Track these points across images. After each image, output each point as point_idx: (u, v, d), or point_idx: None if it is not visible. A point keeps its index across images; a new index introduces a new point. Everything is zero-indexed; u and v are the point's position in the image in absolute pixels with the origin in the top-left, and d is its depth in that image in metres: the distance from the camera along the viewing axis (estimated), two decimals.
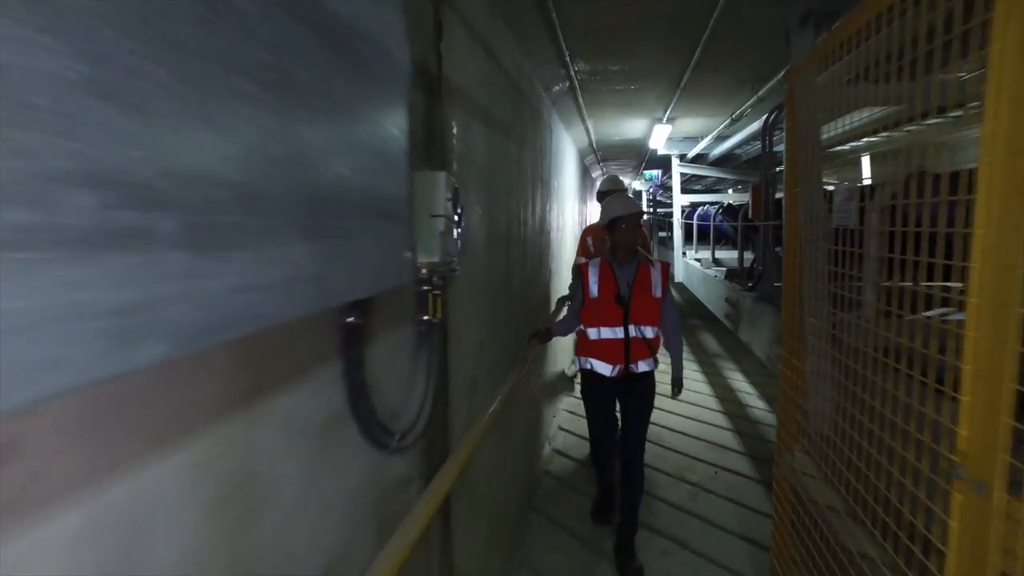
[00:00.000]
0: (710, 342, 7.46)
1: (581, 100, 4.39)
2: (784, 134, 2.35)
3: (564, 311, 3.64)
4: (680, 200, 8.02)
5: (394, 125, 0.93)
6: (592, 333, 2.84)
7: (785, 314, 2.30)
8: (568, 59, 3.27)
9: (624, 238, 2.74)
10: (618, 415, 3.06)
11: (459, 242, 1.44)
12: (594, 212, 8.94)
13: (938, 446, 1.11)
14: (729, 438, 4.23)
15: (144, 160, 0.44)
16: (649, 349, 2.84)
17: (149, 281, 0.44)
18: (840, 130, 1.86)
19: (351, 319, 1.05)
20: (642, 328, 2.79)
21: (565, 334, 3.08)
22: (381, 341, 1.21)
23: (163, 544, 0.66)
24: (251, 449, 0.81)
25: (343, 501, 1.07)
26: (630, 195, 3.29)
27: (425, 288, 1.39)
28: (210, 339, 0.51)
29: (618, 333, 2.80)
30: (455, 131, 1.70)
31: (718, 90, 4.20)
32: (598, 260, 2.87)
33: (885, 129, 1.75)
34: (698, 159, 7.71)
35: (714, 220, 6.44)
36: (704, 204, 8.71)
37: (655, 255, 4.49)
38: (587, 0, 2.46)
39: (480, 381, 2.11)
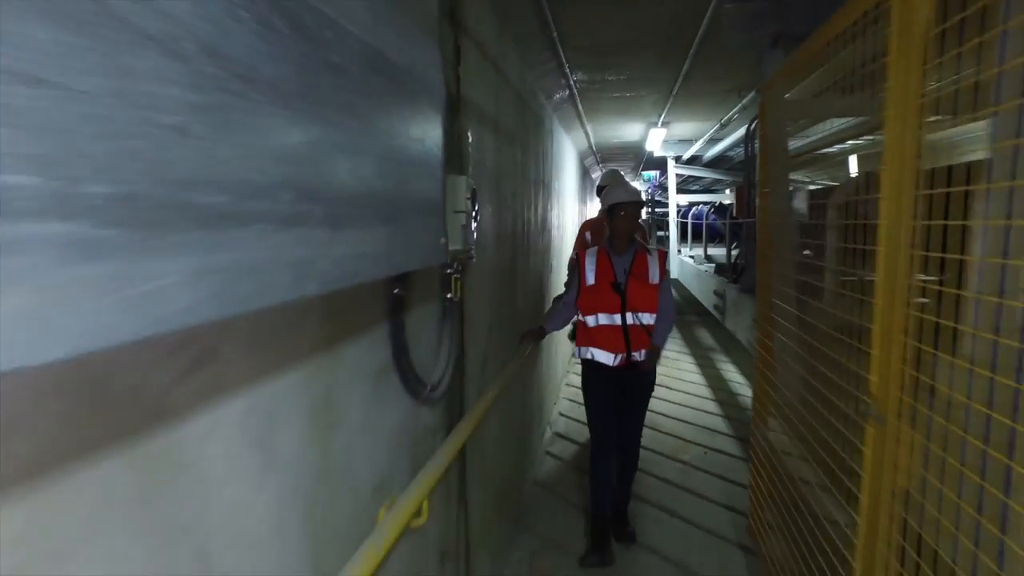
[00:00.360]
0: (705, 336, 7.76)
1: (580, 107, 4.68)
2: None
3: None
4: (675, 200, 8.32)
5: (433, 142, 1.22)
6: (590, 320, 2.82)
7: (759, 300, 2.60)
8: (568, 71, 3.56)
9: (623, 225, 2.76)
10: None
11: (475, 234, 1.73)
12: (594, 210, 9.21)
13: (861, 394, 1.40)
14: (719, 423, 4.53)
15: (310, 175, 0.73)
16: (648, 336, 2.80)
17: (310, 245, 0.73)
18: (807, 139, 2.15)
19: (396, 291, 1.35)
20: (640, 315, 2.77)
21: (560, 327, 3.03)
22: (415, 312, 1.50)
23: (283, 434, 0.95)
24: (331, 380, 1.10)
25: (388, 435, 1.37)
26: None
27: (448, 271, 1.68)
28: (336, 285, 0.80)
29: (616, 320, 2.79)
30: (470, 140, 1.99)
31: (708, 96, 4.49)
32: (595, 249, 2.88)
33: (841, 140, 2.05)
34: (694, 161, 8.00)
35: (706, 219, 6.74)
36: (698, 204, 9.00)
37: None
38: (584, 19, 2.75)
39: (489, 359, 2.41)
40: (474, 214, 1.69)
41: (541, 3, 2.34)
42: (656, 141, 6.38)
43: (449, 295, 1.68)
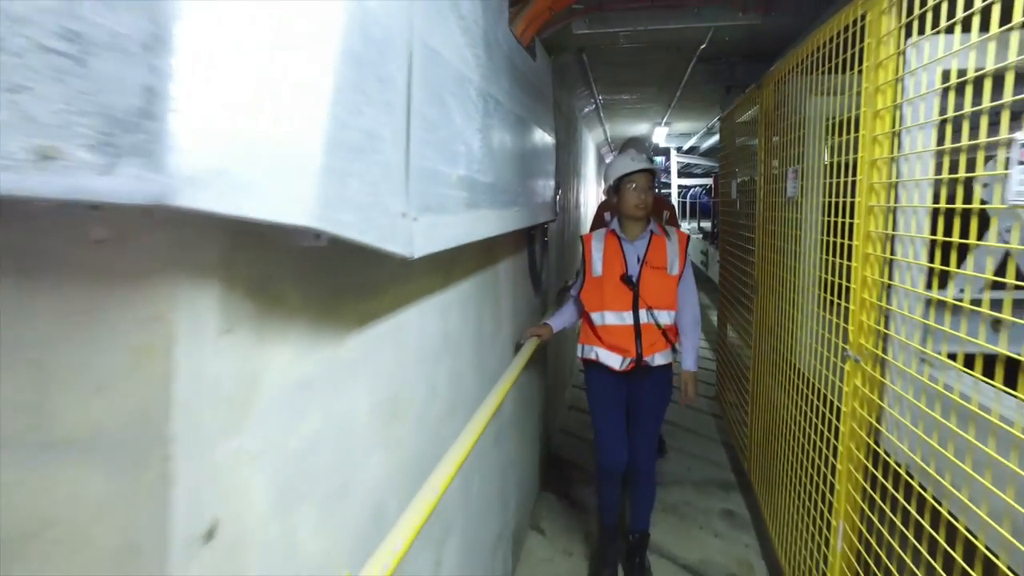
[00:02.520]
0: (702, 297, 9.26)
1: (602, 114, 6.15)
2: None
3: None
4: (676, 182, 9.81)
5: (549, 159, 2.72)
6: (596, 318, 2.45)
7: (721, 253, 4.10)
8: (596, 95, 5.03)
9: (633, 201, 2.35)
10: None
11: (557, 206, 3.21)
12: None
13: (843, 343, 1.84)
14: (704, 352, 6.01)
15: (490, 166, 2.22)
16: (666, 338, 2.42)
17: (502, 215, 2.20)
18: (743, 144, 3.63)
19: (530, 232, 2.84)
20: (655, 313, 2.39)
21: (568, 325, 2.67)
22: (534, 244, 3.00)
23: (478, 303, 2.46)
24: (496, 277, 2.60)
25: (522, 304, 2.86)
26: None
27: (546, 225, 3.17)
28: (515, 227, 2.29)
29: (626, 319, 2.42)
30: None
31: (696, 109, 5.94)
32: (603, 231, 2.51)
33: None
34: (693, 150, 9.46)
35: (699, 199, 8.26)
36: (695, 187, 10.52)
37: None
38: (609, 69, 4.20)
39: (555, 273, 3.89)
40: (557, 194, 3.19)
41: (584, 65, 3.81)
42: (661, 136, 7.82)
43: (545, 238, 3.18)
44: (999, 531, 1.04)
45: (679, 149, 9.62)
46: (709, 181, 10.59)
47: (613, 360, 2.44)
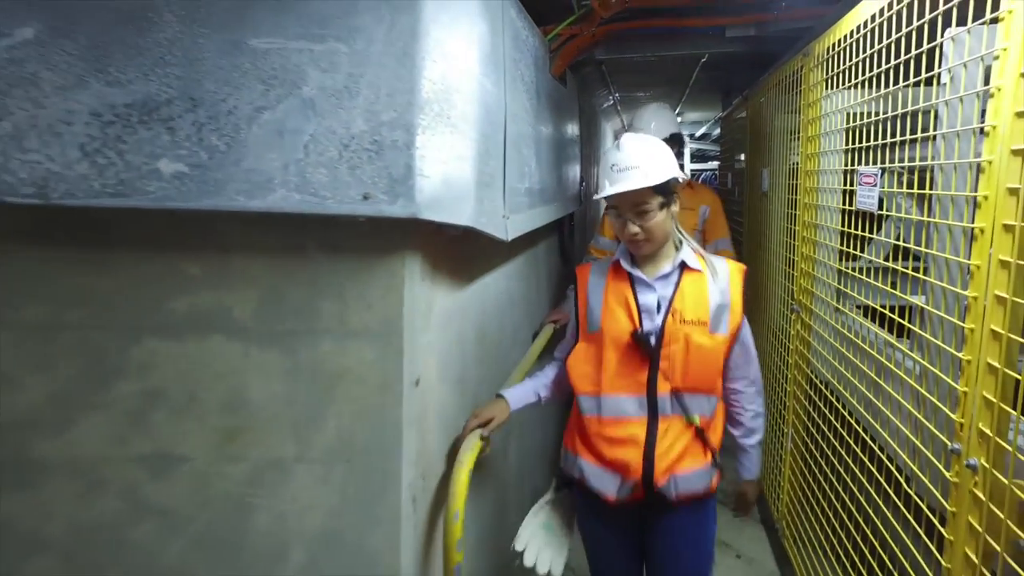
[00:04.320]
0: None
1: (619, 107, 6.77)
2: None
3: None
4: (689, 167, 10.40)
5: (577, 144, 3.35)
6: (587, 405, 1.54)
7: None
8: (614, 93, 5.65)
9: (625, 235, 1.50)
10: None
11: (582, 194, 3.85)
12: None
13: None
14: None
15: (538, 177, 2.87)
16: (701, 441, 1.50)
17: (546, 209, 2.85)
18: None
19: (562, 219, 3.51)
20: (686, 400, 1.49)
21: (535, 400, 1.70)
22: (560, 231, 3.66)
23: (521, 276, 3.13)
24: (537, 254, 3.26)
25: (553, 274, 3.54)
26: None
27: (573, 212, 3.83)
28: (553, 218, 2.95)
29: (637, 409, 1.49)
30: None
31: (706, 101, 6.53)
32: (606, 262, 1.63)
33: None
34: (705, 137, 10.02)
35: (712, 183, 8.89)
36: (706, 171, 11.12)
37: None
38: (626, 74, 4.82)
39: (580, 248, 4.56)
40: (582, 185, 3.84)
41: (604, 74, 4.44)
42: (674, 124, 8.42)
43: (571, 222, 3.84)
44: (876, 427, 1.71)
45: (692, 136, 10.19)
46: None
47: (606, 484, 1.50)
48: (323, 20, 1.16)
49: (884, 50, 1.51)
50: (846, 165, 1.85)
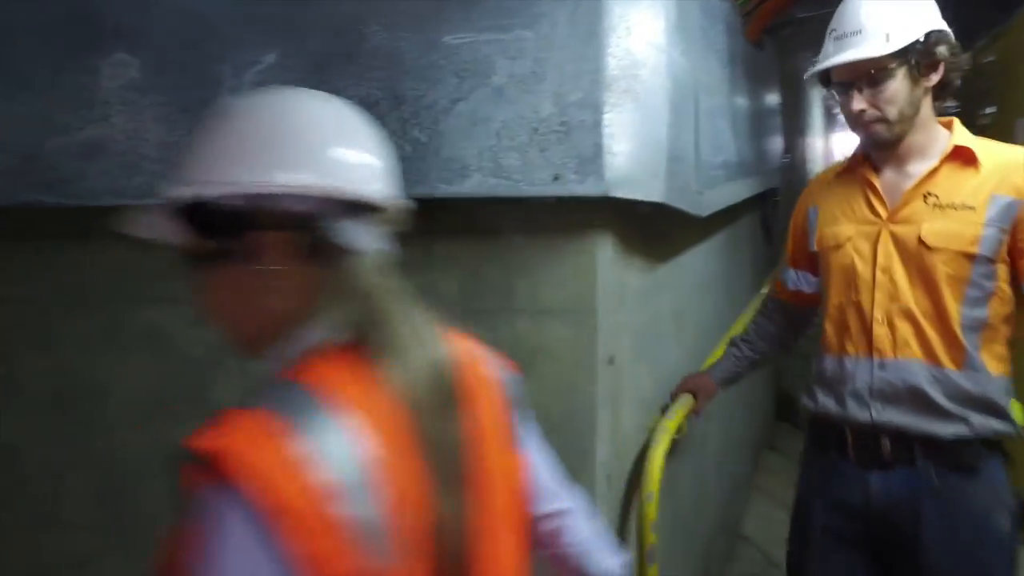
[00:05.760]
0: None
1: None
2: None
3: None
4: None
5: (778, 115, 3.13)
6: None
7: None
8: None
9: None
10: None
11: (785, 167, 3.59)
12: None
13: None
14: None
15: (734, 149, 2.69)
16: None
17: (745, 183, 2.68)
18: None
19: (763, 193, 3.30)
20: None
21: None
22: (764, 206, 3.44)
23: (723, 251, 2.96)
24: (736, 231, 3.08)
25: (752, 251, 3.33)
26: None
27: (776, 187, 3.58)
28: (750, 194, 2.76)
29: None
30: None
31: None
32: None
33: None
34: None
35: None
36: None
37: None
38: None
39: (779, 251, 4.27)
40: (786, 157, 3.57)
41: (806, 33, 4.08)
42: None
43: (776, 197, 3.60)
44: None
45: None
46: None
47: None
48: (509, 11, 1.20)
49: None
50: None
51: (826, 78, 1.28)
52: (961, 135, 1.23)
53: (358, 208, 0.63)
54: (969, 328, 1.20)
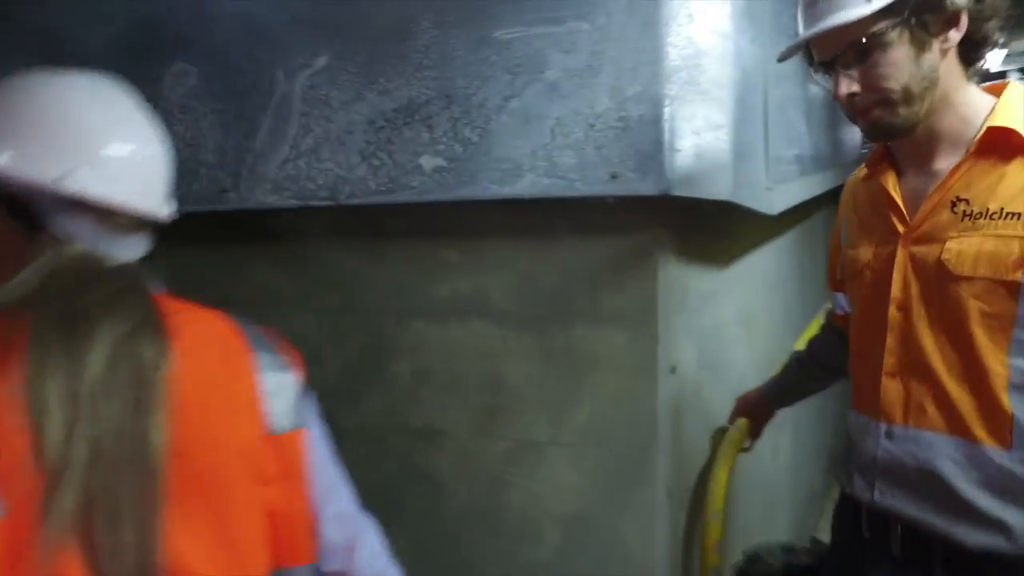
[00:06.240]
0: None
1: None
2: None
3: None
4: None
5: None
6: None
7: None
8: None
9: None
10: None
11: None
12: None
13: None
14: None
15: (809, 142, 2.53)
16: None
17: (821, 177, 2.52)
18: None
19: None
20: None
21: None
22: None
23: (803, 243, 2.80)
24: (812, 227, 2.91)
25: (825, 262, 3.15)
26: None
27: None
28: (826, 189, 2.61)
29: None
30: None
31: None
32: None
33: None
34: None
35: None
36: None
37: None
38: None
39: None
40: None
41: None
42: (996, 60, 6.97)
43: None
44: None
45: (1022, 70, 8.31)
46: None
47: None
48: (562, 2, 1.14)
49: None
50: None
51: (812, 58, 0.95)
52: (1006, 110, 0.87)
53: (71, 201, 0.67)
54: (1020, 388, 0.85)
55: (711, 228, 1.46)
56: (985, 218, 0.86)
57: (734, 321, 1.64)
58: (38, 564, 0.57)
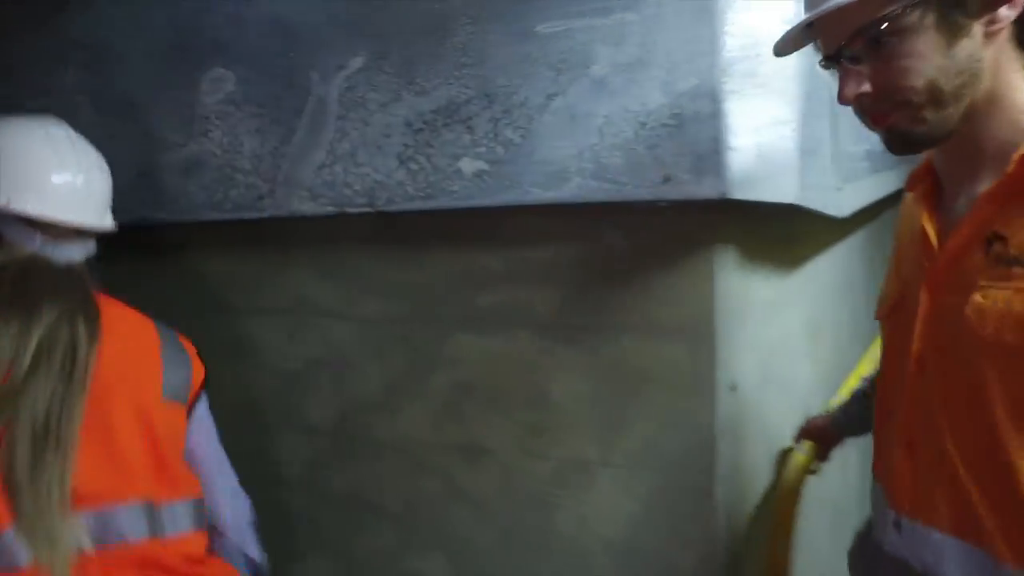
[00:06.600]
0: None
1: None
2: None
3: None
4: None
5: None
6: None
7: None
8: None
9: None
10: None
11: None
12: None
13: None
14: None
15: (872, 136, 2.35)
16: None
17: (894, 173, 2.35)
18: None
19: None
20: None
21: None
22: None
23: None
24: (882, 225, 2.72)
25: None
26: None
27: None
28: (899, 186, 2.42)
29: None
30: None
31: None
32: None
33: None
34: None
35: None
36: None
37: None
38: None
39: None
40: None
41: None
42: None
43: None
44: None
45: None
46: None
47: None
48: None
49: None
50: None
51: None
52: None
53: (19, 218, 0.91)
54: None
55: (774, 232, 1.35)
56: (1022, 266, 0.63)
57: (799, 332, 1.52)
58: None
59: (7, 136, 0.93)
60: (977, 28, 0.66)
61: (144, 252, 1.52)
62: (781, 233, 1.39)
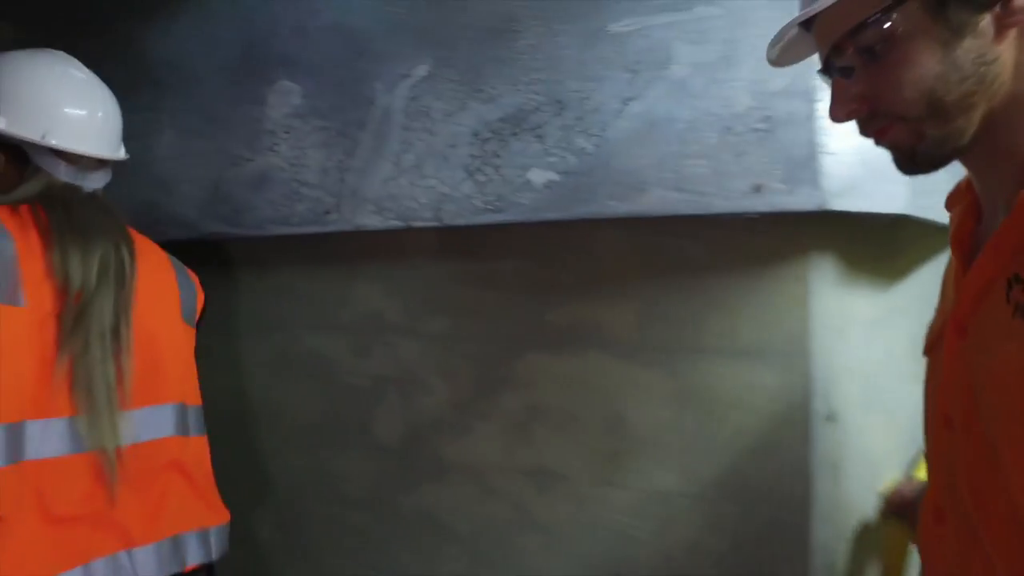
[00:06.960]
0: None
1: None
2: None
3: None
4: None
5: None
6: None
7: None
8: None
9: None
10: None
11: None
12: None
13: None
14: None
15: None
16: None
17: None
18: None
19: None
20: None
21: None
22: None
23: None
24: None
25: None
26: None
27: None
28: None
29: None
30: None
31: None
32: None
33: None
34: None
35: None
36: None
37: None
38: None
39: None
40: None
41: None
42: None
43: None
44: None
45: None
46: None
47: None
48: None
49: None
50: None
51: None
52: None
53: (51, 150, 1.00)
54: None
55: (877, 243, 1.22)
56: None
57: (905, 353, 1.37)
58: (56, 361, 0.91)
59: (34, 73, 1.01)
60: (986, 24, 0.54)
61: (212, 266, 1.52)
62: (885, 244, 1.26)
